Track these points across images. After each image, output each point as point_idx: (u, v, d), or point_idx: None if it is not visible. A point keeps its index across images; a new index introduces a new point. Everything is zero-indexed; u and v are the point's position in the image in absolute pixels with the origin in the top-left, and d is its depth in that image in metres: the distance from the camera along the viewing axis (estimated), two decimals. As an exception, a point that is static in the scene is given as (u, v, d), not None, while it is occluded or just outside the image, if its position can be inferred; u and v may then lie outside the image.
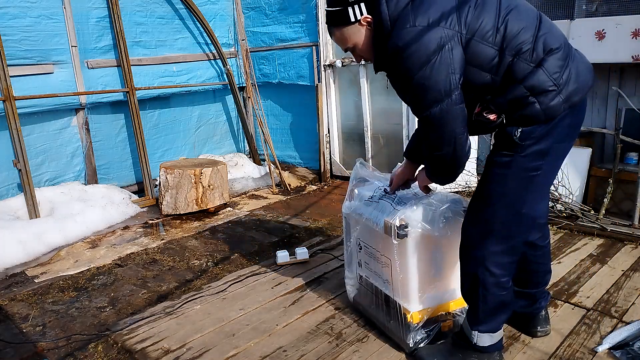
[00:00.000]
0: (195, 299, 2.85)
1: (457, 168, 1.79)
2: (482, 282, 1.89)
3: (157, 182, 4.96)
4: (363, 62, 4.81)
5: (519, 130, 1.67)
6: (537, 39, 1.63)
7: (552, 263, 3.02)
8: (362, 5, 1.68)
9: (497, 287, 1.90)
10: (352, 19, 1.70)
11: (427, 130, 1.73)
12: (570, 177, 3.89)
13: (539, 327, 2.27)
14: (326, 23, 1.81)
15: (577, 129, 1.83)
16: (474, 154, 4.46)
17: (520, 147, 1.70)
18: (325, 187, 5.24)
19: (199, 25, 5.55)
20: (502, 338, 2.03)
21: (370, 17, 1.70)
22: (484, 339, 1.96)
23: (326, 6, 1.76)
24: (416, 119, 1.84)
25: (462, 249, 1.96)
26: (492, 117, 1.69)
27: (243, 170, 5.69)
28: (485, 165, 1.87)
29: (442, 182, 1.96)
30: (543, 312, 2.28)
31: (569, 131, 1.77)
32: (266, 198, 4.97)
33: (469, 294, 1.98)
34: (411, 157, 2.17)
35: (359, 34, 1.75)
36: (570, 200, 3.77)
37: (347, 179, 5.36)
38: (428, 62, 1.57)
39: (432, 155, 1.79)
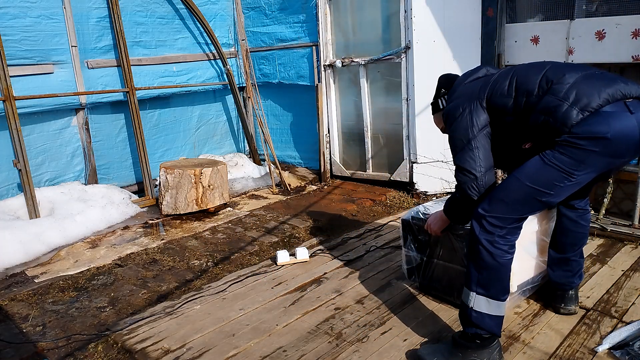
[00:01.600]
0: (195, 299, 2.85)
1: (473, 196, 2.11)
2: (479, 240, 2.01)
3: (157, 182, 4.96)
4: (363, 62, 4.84)
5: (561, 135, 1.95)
6: (540, 79, 2.01)
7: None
8: (445, 97, 2.40)
9: (494, 247, 1.99)
10: (441, 107, 2.41)
11: (456, 168, 2.18)
12: (570, 177, 3.88)
13: (564, 305, 2.46)
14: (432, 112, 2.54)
15: (622, 145, 1.87)
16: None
17: (559, 144, 1.92)
18: (325, 187, 5.24)
19: (199, 25, 5.55)
20: (500, 320, 2.04)
21: None
22: (481, 303, 2.02)
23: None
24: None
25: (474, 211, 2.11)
26: (527, 146, 2.11)
27: (243, 170, 5.69)
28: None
29: (457, 216, 2.30)
30: (572, 292, 2.46)
31: (611, 147, 1.86)
32: (266, 198, 4.97)
33: (469, 254, 2.08)
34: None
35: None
36: (570, 200, 3.77)
37: (347, 179, 5.36)
38: (454, 122, 2.18)
39: (457, 185, 2.17)
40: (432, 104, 2.50)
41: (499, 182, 2.30)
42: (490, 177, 2.11)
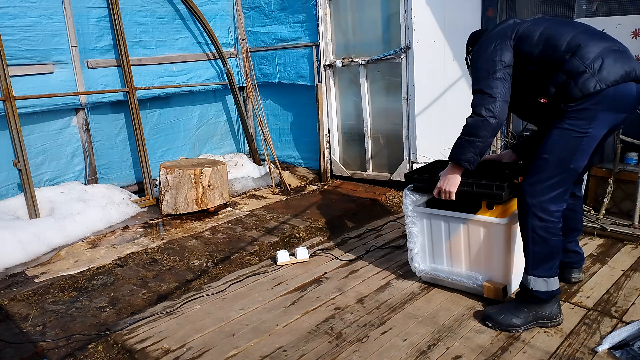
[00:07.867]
0: (195, 299, 2.85)
1: (488, 118, 2.23)
2: (532, 227, 2.24)
3: (157, 182, 4.96)
4: (363, 61, 4.84)
5: (568, 105, 2.15)
6: (571, 39, 2.17)
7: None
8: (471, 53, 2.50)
9: (545, 231, 2.23)
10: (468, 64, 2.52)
11: (474, 93, 2.31)
12: (570, 177, 3.87)
13: (573, 275, 2.74)
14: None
15: (623, 102, 2.15)
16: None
17: (569, 112, 2.15)
18: (326, 187, 5.24)
19: (199, 25, 5.55)
20: (558, 287, 2.32)
21: None
22: (539, 284, 2.28)
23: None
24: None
25: (518, 198, 2.31)
26: (543, 100, 2.24)
27: (243, 170, 5.70)
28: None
29: (468, 153, 2.32)
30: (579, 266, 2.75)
31: (614, 104, 2.13)
32: (266, 198, 4.97)
33: (523, 241, 2.30)
34: (515, 149, 2.80)
35: None
36: (570, 200, 3.76)
37: (347, 179, 5.36)
38: (482, 53, 2.32)
39: (472, 109, 2.29)
40: (465, 59, 2.64)
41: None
42: (503, 110, 2.24)
